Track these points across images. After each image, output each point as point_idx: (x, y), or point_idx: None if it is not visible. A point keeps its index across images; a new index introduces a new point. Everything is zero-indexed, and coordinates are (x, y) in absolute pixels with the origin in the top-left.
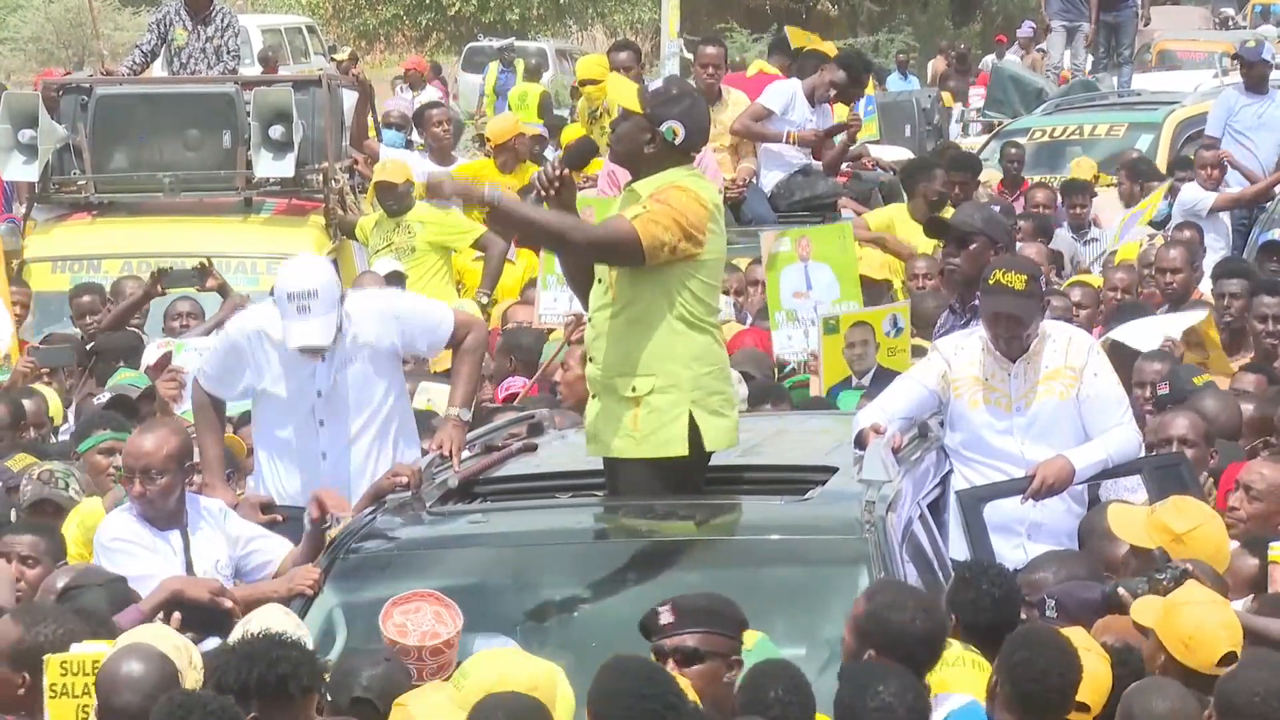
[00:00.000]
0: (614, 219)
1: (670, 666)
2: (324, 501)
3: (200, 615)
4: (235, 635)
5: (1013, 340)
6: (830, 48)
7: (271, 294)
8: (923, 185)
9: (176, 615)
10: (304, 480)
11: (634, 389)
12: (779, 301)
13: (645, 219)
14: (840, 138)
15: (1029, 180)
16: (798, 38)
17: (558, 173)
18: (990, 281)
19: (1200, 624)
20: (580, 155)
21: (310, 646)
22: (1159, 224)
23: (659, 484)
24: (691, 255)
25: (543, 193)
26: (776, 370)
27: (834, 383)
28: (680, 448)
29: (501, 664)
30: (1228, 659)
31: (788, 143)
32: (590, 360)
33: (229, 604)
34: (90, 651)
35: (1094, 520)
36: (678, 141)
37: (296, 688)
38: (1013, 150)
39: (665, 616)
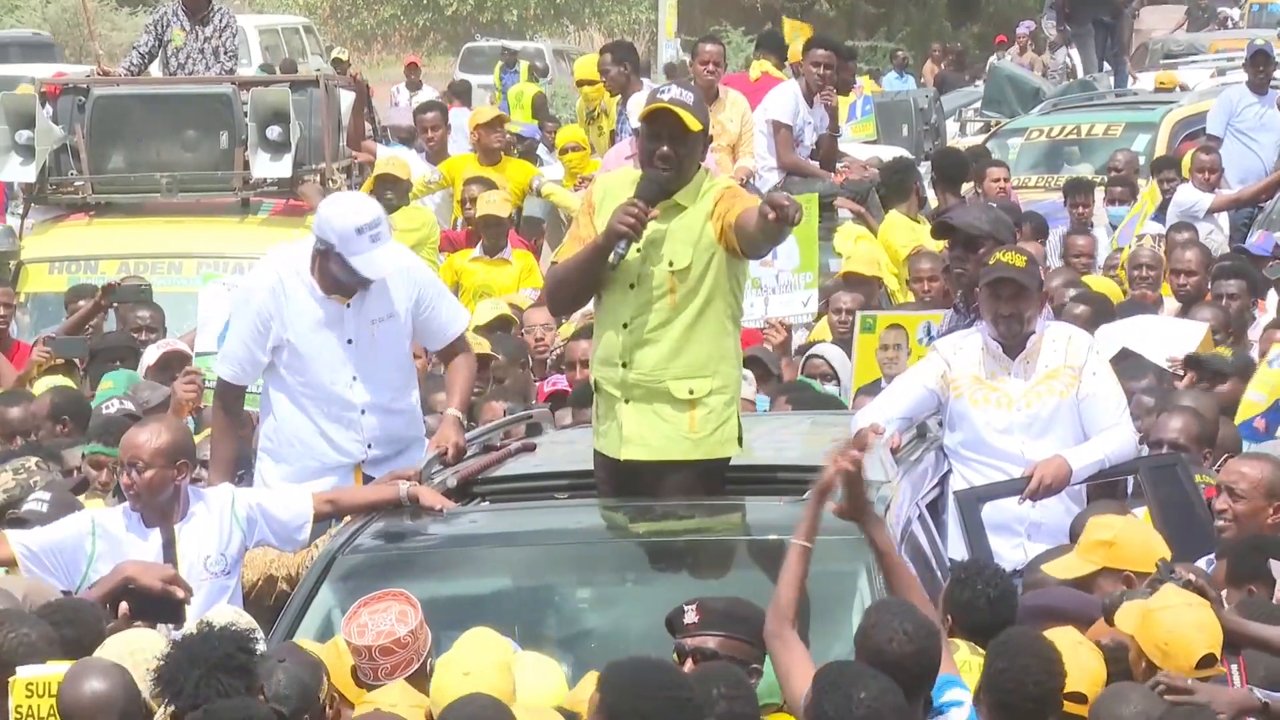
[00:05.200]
0: (752, 209)
1: (688, 666)
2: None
3: (152, 603)
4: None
5: (1013, 320)
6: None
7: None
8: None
9: (124, 606)
10: (340, 437)
11: (691, 391)
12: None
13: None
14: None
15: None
16: (790, 31)
17: (646, 212)
18: (991, 262)
19: (1174, 628)
20: (657, 191)
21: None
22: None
23: (700, 485)
24: None
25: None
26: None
27: (864, 383)
28: (733, 447)
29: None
30: (1206, 661)
31: (840, 181)
32: (622, 365)
33: (180, 593)
34: (57, 673)
35: (1085, 519)
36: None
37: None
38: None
39: (690, 616)
